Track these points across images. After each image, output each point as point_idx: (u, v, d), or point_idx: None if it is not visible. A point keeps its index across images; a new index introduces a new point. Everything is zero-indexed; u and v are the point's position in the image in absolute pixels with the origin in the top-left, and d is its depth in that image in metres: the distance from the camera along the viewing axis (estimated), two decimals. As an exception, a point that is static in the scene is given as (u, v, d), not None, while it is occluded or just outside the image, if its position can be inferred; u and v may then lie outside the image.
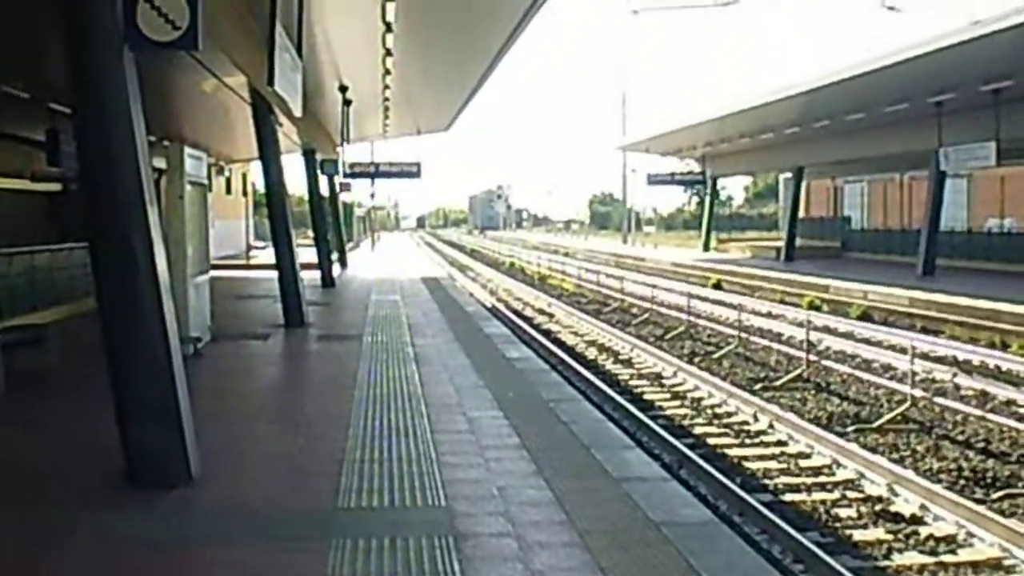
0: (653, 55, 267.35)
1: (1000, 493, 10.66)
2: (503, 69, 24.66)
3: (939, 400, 14.65)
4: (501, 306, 32.23)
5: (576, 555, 6.01)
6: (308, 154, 30.68)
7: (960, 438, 13.14)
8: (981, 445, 12.76)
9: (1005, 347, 20.92)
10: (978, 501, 10.20)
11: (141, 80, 7.64)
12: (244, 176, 51.05)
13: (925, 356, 18.53)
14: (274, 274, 19.45)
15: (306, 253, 25.61)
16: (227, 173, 44.48)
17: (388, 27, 16.95)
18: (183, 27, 7.57)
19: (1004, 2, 21.21)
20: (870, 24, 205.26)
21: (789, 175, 52.51)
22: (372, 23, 16.82)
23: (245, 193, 51.57)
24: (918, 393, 14.68)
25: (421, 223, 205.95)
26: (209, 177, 16.66)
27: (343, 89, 25.09)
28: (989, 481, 11.22)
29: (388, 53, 19.51)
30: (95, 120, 7.40)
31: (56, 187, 24.64)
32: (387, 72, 22.07)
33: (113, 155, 7.37)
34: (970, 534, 9.21)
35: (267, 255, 40.13)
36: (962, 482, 11.20)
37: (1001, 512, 9.87)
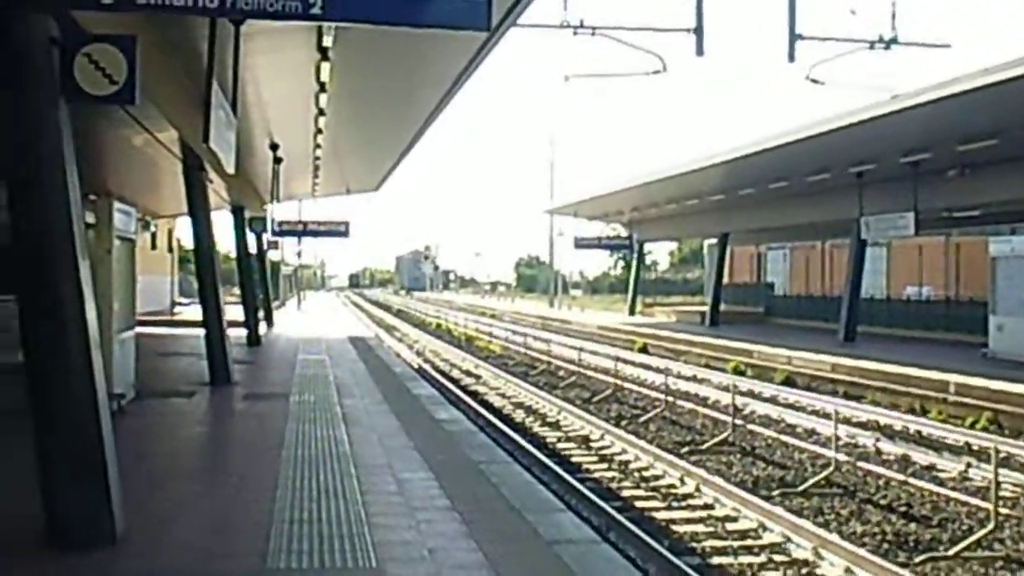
0: (584, 120, 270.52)
1: (923, 556, 10.81)
2: (434, 130, 24.86)
3: (862, 464, 14.85)
4: (428, 367, 32.14)
5: (509, 618, 5.98)
6: (237, 211, 30.50)
7: (883, 502, 13.32)
8: (903, 509, 12.96)
9: (924, 412, 21.30)
10: (902, 564, 10.33)
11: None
12: (170, 232, 50.55)
13: (847, 421, 18.81)
14: (198, 331, 19.22)
15: (231, 311, 25.35)
16: (152, 228, 43.97)
17: (322, 87, 16.98)
18: (120, 81, 7.54)
19: (922, 79, 21.85)
20: (795, 95, 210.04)
21: (714, 241, 53.23)
22: (306, 82, 16.84)
23: (171, 249, 51.05)
24: (842, 457, 14.87)
25: (355, 282, 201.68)
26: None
27: (274, 147, 25.04)
28: (912, 545, 11.38)
29: (320, 112, 19.53)
30: (29, 172, 7.32)
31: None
32: (319, 131, 22.09)
33: (47, 208, 7.29)
34: (894, 598, 9.32)
35: (192, 312, 39.69)
36: (886, 546, 11.34)
37: (925, 575, 10.03)
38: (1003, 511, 11.64)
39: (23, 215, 7.36)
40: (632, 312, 58.49)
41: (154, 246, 45.18)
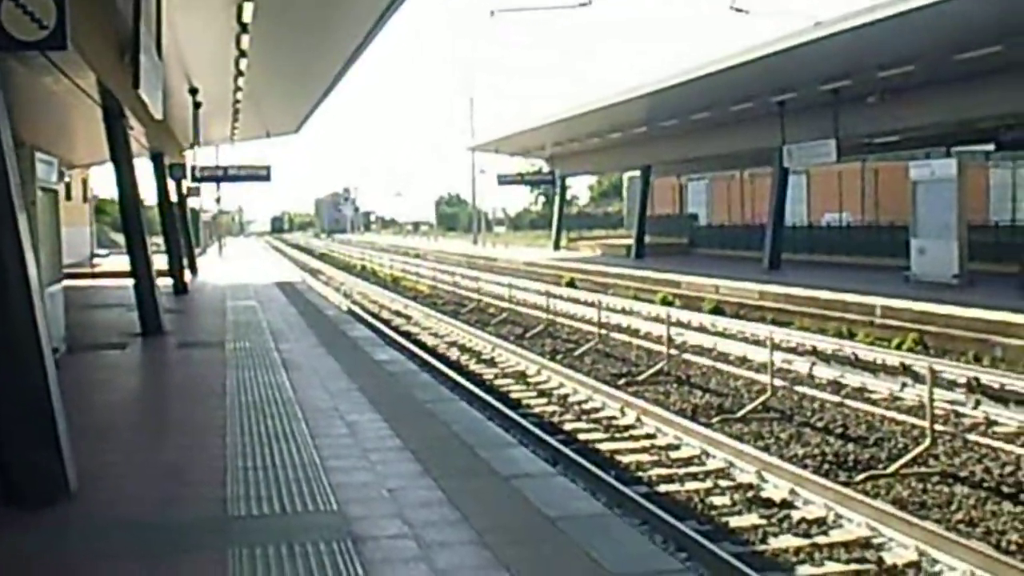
0: (506, 55, 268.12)
1: (863, 475, 11.09)
2: (354, 69, 24.49)
3: (798, 388, 15.14)
4: (358, 309, 32.00)
5: (477, 553, 6.02)
6: (156, 158, 29.82)
7: (820, 424, 13.62)
8: (840, 430, 13.25)
9: (852, 335, 21.70)
10: (844, 484, 10.59)
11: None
12: (84, 181, 49.34)
13: (777, 346, 19.10)
14: (122, 282, 18.88)
15: (154, 260, 24.93)
16: (67, 178, 42.85)
17: (243, 27, 16.67)
18: (50, 26, 7.32)
19: (844, 4, 22.04)
20: (719, 24, 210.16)
21: (635, 174, 53.40)
22: (227, 23, 16.51)
23: (86, 199, 49.91)
24: (778, 382, 15.13)
25: (278, 227, 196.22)
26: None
27: (193, 91, 24.55)
28: (852, 464, 11.67)
29: (242, 54, 19.18)
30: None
31: None
32: (239, 74, 21.69)
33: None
34: (839, 515, 9.56)
35: (112, 263, 39.01)
36: (827, 466, 11.61)
37: (866, 493, 10.29)
38: (937, 427, 11.95)
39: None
40: (557, 247, 58.71)
41: (69, 196, 44.07)
